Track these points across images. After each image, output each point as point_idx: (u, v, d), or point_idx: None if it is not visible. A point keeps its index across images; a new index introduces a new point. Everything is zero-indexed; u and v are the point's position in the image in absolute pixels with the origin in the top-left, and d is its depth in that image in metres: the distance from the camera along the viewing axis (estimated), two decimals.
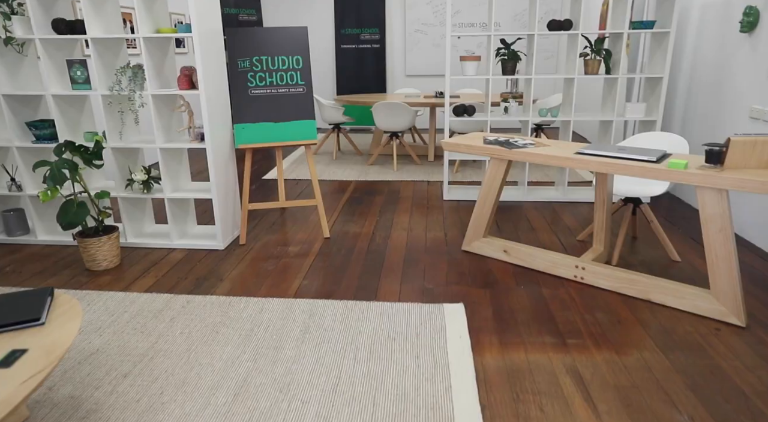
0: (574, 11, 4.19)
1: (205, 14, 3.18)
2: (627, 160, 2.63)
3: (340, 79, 8.32)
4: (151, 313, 2.69)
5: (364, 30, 8.07)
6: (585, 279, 2.93)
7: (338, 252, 3.47)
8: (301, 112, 3.68)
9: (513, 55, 4.23)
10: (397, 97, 6.27)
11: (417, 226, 3.93)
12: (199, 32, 3.11)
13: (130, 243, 3.59)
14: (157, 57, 3.29)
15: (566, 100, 4.42)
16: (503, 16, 7.91)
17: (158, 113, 3.33)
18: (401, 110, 5.55)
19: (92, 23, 3.18)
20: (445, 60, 4.16)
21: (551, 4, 7.83)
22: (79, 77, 3.32)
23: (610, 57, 4.19)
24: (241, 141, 3.59)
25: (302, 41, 3.69)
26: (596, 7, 6.92)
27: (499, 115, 4.37)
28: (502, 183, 3.19)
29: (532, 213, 4.20)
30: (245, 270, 3.21)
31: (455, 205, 4.44)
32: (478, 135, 3.42)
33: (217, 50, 3.38)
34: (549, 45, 8.02)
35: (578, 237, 3.63)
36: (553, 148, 2.95)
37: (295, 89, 3.68)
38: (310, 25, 8.28)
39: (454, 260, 3.30)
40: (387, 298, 2.82)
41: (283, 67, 3.67)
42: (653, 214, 3.42)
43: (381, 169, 5.77)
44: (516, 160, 2.97)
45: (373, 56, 8.18)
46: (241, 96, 3.60)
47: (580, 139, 7.50)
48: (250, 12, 7.94)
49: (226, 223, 3.59)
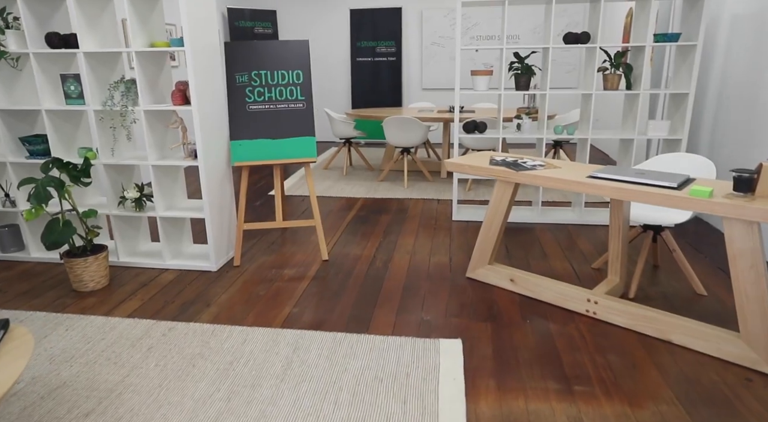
0: (592, 23, 3.96)
1: (199, 27, 3.06)
2: (644, 186, 2.38)
3: (355, 93, 8.21)
4: (129, 341, 2.54)
5: (380, 43, 7.95)
6: (598, 314, 2.68)
7: (335, 276, 3.29)
8: (301, 128, 3.53)
9: (527, 69, 4.02)
10: (411, 112, 6.10)
11: (421, 249, 3.72)
12: (192, 46, 2.99)
13: (122, 262, 3.47)
14: (150, 71, 3.19)
15: (584, 117, 4.17)
16: (522, 28, 7.69)
17: (151, 129, 3.22)
18: (412, 125, 5.37)
19: (85, 37, 3.09)
20: (455, 74, 3.96)
21: (573, 16, 7.59)
22: (73, 92, 3.23)
23: (631, 71, 3.94)
24: (238, 158, 3.45)
25: (303, 55, 3.55)
26: (620, 19, 6.65)
27: (513, 131, 4.15)
28: (509, 206, 2.97)
29: (546, 236, 3.95)
30: (235, 295, 3.04)
31: (464, 226, 4.22)
32: (486, 154, 3.21)
33: (213, 64, 3.26)
34: (571, 58, 7.76)
35: (594, 264, 3.36)
36: (564, 171, 2.72)
37: (295, 105, 3.54)
38: (325, 38, 8.21)
39: (456, 288, 3.07)
40: (380, 331, 2.62)
41: (283, 81, 3.53)
42: (676, 243, 3.15)
43: (391, 186, 5.58)
44: (523, 182, 2.74)
45: (389, 69, 8.05)
46: (239, 111, 3.48)
47: (603, 156, 7.19)
48: (265, 25, 7.91)
49: (220, 244, 3.45)
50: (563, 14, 7.58)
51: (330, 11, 8.08)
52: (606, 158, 7.00)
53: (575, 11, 7.56)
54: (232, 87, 3.49)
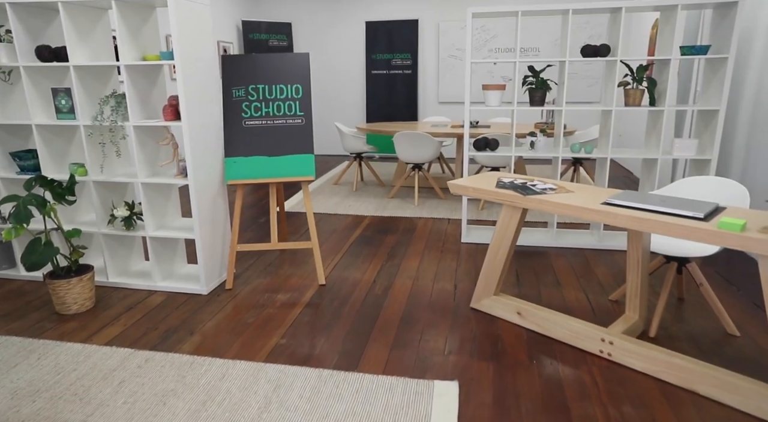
0: (612, 35, 3.71)
1: (191, 39, 2.93)
2: (666, 216, 2.12)
3: (370, 106, 8.05)
4: (101, 374, 2.37)
5: (395, 55, 7.80)
6: (613, 356, 2.40)
7: (330, 303, 3.08)
8: (299, 145, 3.36)
9: (542, 83, 3.78)
10: (424, 126, 5.90)
11: (425, 274, 3.49)
12: (183, 59, 2.85)
13: (112, 282, 3.33)
14: (142, 85, 3.06)
15: (603, 134, 3.91)
16: (542, 41, 7.44)
17: (141, 146, 3.09)
18: (424, 141, 5.16)
19: (76, 50, 2.99)
20: (465, 88, 3.75)
21: (596, 28, 7.31)
22: (64, 106, 3.13)
23: (654, 86, 3.67)
24: (232, 176, 3.29)
25: (303, 68, 3.39)
26: (645, 30, 6.36)
27: (526, 149, 3.91)
28: (517, 233, 2.73)
29: (560, 261, 3.67)
30: (222, 322, 2.86)
31: (473, 249, 3.97)
32: (493, 175, 2.98)
33: (207, 78, 3.12)
34: (593, 71, 7.47)
35: (611, 296, 3.08)
36: (577, 196, 2.47)
37: (293, 120, 3.37)
38: (340, 51, 8.10)
39: (459, 320, 2.83)
40: (370, 368, 2.39)
41: (281, 96, 3.37)
42: (703, 275, 2.85)
43: (401, 203, 5.37)
44: (531, 208, 2.50)
45: (405, 82, 7.88)
46: (234, 127, 3.33)
47: (626, 174, 6.85)
48: (280, 38, 7.84)
49: (212, 265, 3.28)
50: (585, 26, 7.31)
51: (345, 23, 7.98)
52: (629, 176, 6.66)
53: (598, 23, 7.29)
54: (228, 101, 3.34)
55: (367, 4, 7.83)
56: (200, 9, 3.01)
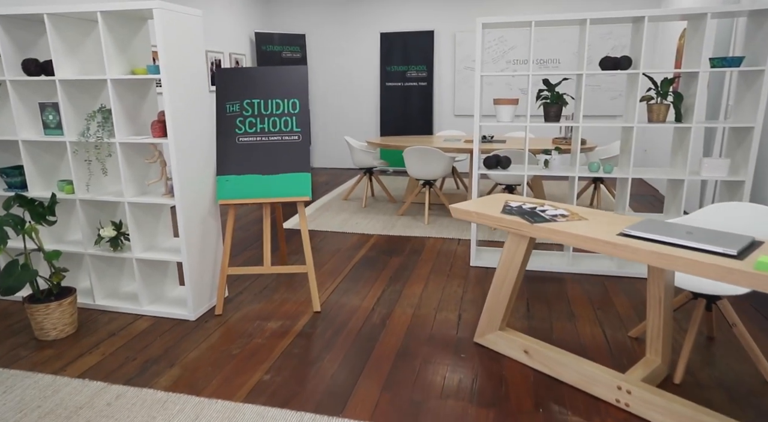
0: (635, 46, 3.44)
1: (180, 52, 2.78)
2: (693, 251, 1.85)
3: (384, 119, 7.87)
4: (66, 412, 2.20)
5: (410, 67, 7.62)
6: (631, 406, 2.12)
7: (322, 334, 2.86)
8: (295, 163, 3.17)
9: (557, 97, 3.53)
10: (437, 140, 5.68)
11: (428, 302, 3.25)
12: (169, 73, 2.70)
13: (98, 305, 3.18)
14: (130, 100, 2.92)
15: (624, 152, 3.62)
16: (562, 51, 7.16)
17: (129, 163, 2.94)
18: (434, 157, 4.94)
19: (63, 64, 2.87)
20: (475, 102, 3.53)
21: (620, 38, 7.00)
22: (51, 122, 3.01)
23: (681, 101, 3.38)
24: (224, 195, 3.12)
25: (300, 82, 3.22)
26: (672, 41, 6.04)
27: (540, 168, 3.65)
28: (524, 263, 2.47)
29: (576, 289, 3.39)
30: (205, 353, 2.67)
31: (483, 274, 3.72)
32: (500, 199, 2.74)
33: (197, 92, 2.96)
34: (616, 84, 7.15)
35: (631, 332, 2.79)
36: (591, 224, 2.21)
37: (290, 137, 3.19)
38: (354, 62, 7.96)
39: (460, 357, 2.58)
40: (357, 413, 2.16)
41: (277, 111, 3.20)
42: (736, 314, 2.55)
43: (410, 221, 5.14)
44: (539, 237, 2.26)
45: (420, 95, 7.68)
46: (227, 144, 3.16)
47: (651, 192, 6.49)
48: (294, 49, 7.74)
49: (202, 290, 3.10)
50: (608, 37, 7.02)
51: (360, 35, 7.84)
52: (655, 195, 6.30)
53: (622, 33, 6.98)
54: (221, 117, 3.18)
55: (382, 15, 7.68)
56: (190, 20, 2.86)
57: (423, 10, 7.52)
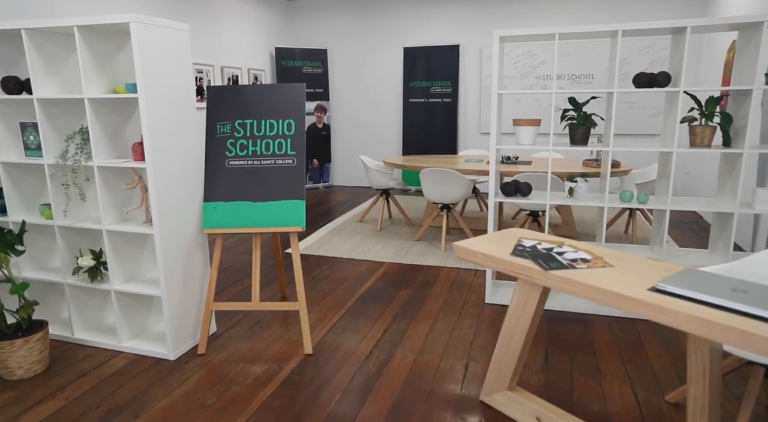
0: (675, 61, 3.04)
1: (161, 68, 2.56)
2: (747, 317, 1.46)
3: (406, 136, 7.58)
4: None
5: (434, 83, 7.32)
6: None
7: (310, 382, 2.55)
8: (288, 189, 2.90)
9: (585, 118, 3.15)
10: (458, 161, 5.34)
11: (433, 345, 2.90)
12: (148, 91, 2.48)
13: (77, 339, 2.96)
14: (110, 120, 2.72)
15: (662, 180, 3.21)
16: (597, 66, 6.72)
17: (107, 188, 2.73)
18: (452, 179, 4.60)
19: (43, 81, 2.69)
20: (491, 123, 3.20)
21: (660, 52, 6.52)
22: (32, 143, 2.84)
23: (729, 123, 2.95)
24: (210, 224, 2.87)
25: (297, 102, 2.96)
26: (720, 55, 5.54)
27: (564, 197, 3.26)
28: (536, 316, 2.11)
29: (604, 335, 2.97)
30: (176, 402, 2.39)
31: (498, 313, 3.34)
32: (513, 234, 2.38)
33: (180, 111, 2.73)
34: (656, 100, 6.66)
35: (668, 396, 2.37)
36: (616, 273, 1.84)
37: (283, 161, 2.92)
38: (376, 78, 7.72)
39: (462, 419, 2.22)
40: None
41: (271, 132, 2.94)
42: None
43: (426, 248, 4.79)
44: (553, 287, 1.89)
45: (444, 111, 7.36)
46: (216, 168, 2.92)
47: (694, 218, 5.94)
48: (315, 64, 7.57)
49: (184, 326, 2.85)
50: (648, 50, 6.55)
51: (383, 50, 7.61)
52: (698, 222, 5.76)
53: (663, 46, 6.50)
54: (211, 138, 2.95)
55: (406, 29, 7.43)
56: (175, 34, 2.64)
57: (448, 23, 7.24)
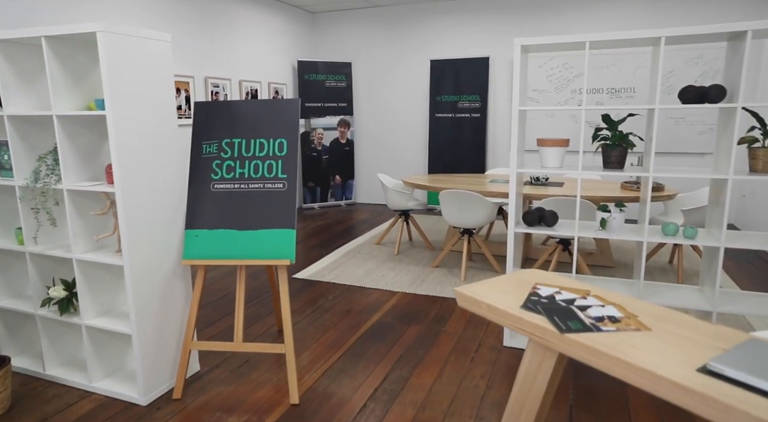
0: (731, 72, 2.59)
1: (134, 82, 2.31)
2: None
3: (432, 153, 7.22)
4: None
5: (462, 97, 6.95)
6: None
7: None
8: (278, 217, 2.59)
9: (620, 138, 2.72)
10: (483, 181, 4.94)
11: (438, 399, 2.51)
12: (117, 108, 2.22)
13: (48, 375, 2.72)
14: (84, 140, 2.49)
15: (714, 209, 2.73)
16: (638, 79, 6.20)
17: (79, 214, 2.49)
18: (474, 203, 4.21)
19: (13, 96, 2.49)
20: (512, 143, 2.82)
21: (712, 63, 5.95)
22: (6, 162, 2.64)
23: None
24: (191, 254, 2.58)
25: (291, 119, 2.66)
26: None
27: (595, 229, 2.83)
28: (551, 386, 1.70)
29: (641, 399, 2.50)
30: None
31: (518, 359, 2.91)
32: (528, 278, 1.98)
33: (158, 129, 2.47)
34: (705, 116, 6.07)
35: None
36: (653, 339, 1.42)
37: (273, 185, 2.62)
38: (402, 91, 7.41)
39: None
40: None
41: (261, 153, 2.65)
42: None
43: (445, 276, 4.40)
44: (571, 355, 1.49)
45: (472, 127, 6.97)
46: (200, 191, 2.64)
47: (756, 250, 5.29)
48: (339, 78, 7.33)
49: (159, 367, 2.56)
50: (698, 61, 5.99)
51: (409, 63, 7.30)
52: (763, 256, 5.13)
53: (714, 56, 5.93)
54: (196, 159, 2.68)
55: (433, 40, 7.11)
56: (153, 45, 2.39)
57: (477, 34, 6.87)
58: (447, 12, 6.98)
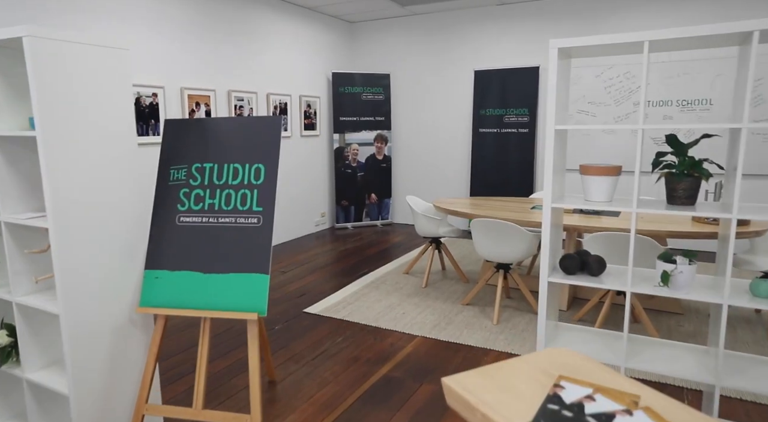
0: None
1: (77, 97, 1.93)
2: None
3: (474, 172, 6.62)
4: None
5: (509, 110, 6.32)
6: None
7: None
8: (249, 259, 2.14)
9: (691, 166, 2.08)
10: (526, 206, 4.32)
11: None
12: (49, 128, 1.85)
13: None
14: (24, 164, 2.14)
15: None
16: (717, 89, 5.34)
17: (20, 251, 2.14)
18: (510, 234, 3.60)
19: None
20: (545, 169, 2.22)
21: None
22: None
23: None
24: (149, 301, 2.18)
25: (270, 140, 2.21)
26: None
27: (655, 284, 2.18)
28: None
29: None
30: None
31: None
32: (553, 366, 1.40)
33: (108, 152, 2.09)
34: None
35: None
36: None
37: (246, 219, 2.18)
38: (444, 104, 6.87)
39: None
40: None
41: (234, 181, 2.22)
42: None
43: (476, 316, 3.81)
44: None
45: (519, 143, 6.32)
46: (165, 225, 2.24)
47: None
48: (376, 90, 6.91)
49: None
50: None
51: (451, 74, 6.76)
52: None
53: None
54: (162, 187, 2.28)
55: (477, 49, 6.54)
56: (104, 54, 2.02)
57: (526, 42, 6.24)
58: (492, 18, 6.41)
